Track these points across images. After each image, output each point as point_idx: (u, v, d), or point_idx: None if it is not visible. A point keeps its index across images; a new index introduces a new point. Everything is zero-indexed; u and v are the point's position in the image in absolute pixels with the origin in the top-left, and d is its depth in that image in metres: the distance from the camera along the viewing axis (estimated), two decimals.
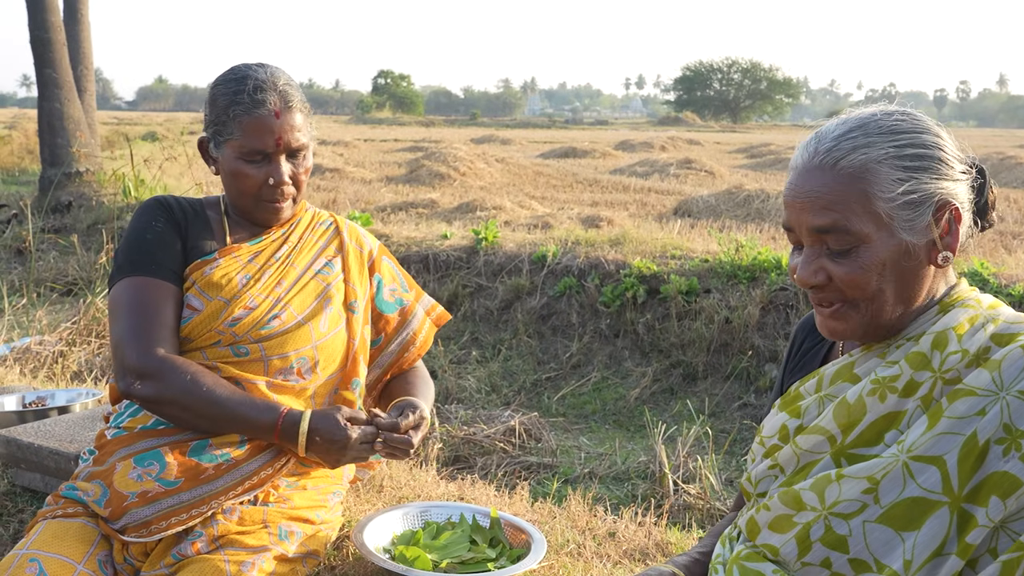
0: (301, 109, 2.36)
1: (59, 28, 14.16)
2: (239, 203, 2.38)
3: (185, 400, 2.16)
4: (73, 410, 3.36)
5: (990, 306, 1.60)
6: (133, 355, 2.18)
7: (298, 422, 2.18)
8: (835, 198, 1.55)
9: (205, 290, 2.30)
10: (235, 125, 2.28)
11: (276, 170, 2.32)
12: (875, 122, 1.59)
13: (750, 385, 6.70)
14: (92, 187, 13.53)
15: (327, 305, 2.41)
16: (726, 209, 13.79)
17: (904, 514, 1.48)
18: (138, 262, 2.29)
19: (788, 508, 1.59)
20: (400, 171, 20.68)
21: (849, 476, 1.53)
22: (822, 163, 1.57)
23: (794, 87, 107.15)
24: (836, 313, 1.61)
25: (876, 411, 1.56)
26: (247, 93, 2.27)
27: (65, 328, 6.84)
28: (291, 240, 2.46)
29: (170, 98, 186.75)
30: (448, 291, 8.29)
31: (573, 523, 2.76)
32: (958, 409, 1.48)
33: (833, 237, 1.56)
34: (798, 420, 1.67)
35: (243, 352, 2.29)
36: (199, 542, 2.13)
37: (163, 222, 2.35)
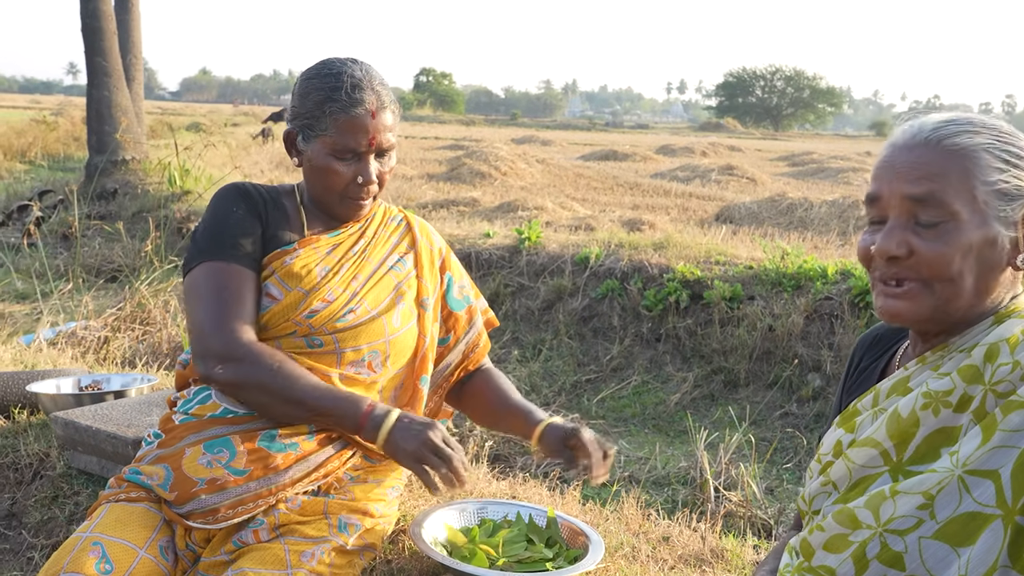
0: (393, 109, 2.35)
1: (110, 17, 14.28)
2: (323, 198, 2.38)
3: (269, 385, 2.15)
4: (129, 395, 3.39)
5: None
6: (217, 339, 2.17)
7: (388, 411, 2.17)
8: (936, 169, 1.55)
9: (285, 280, 2.30)
10: (330, 121, 2.27)
11: (365, 169, 2.31)
12: (979, 117, 1.61)
13: (792, 394, 6.65)
14: (138, 175, 13.66)
15: (400, 300, 2.41)
16: (768, 216, 13.73)
17: (960, 529, 1.45)
18: (219, 247, 2.28)
19: (843, 527, 1.57)
20: (441, 169, 20.74)
21: (904, 492, 1.51)
22: (927, 139, 1.58)
23: (837, 96, 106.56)
24: (907, 292, 1.58)
25: (930, 425, 1.54)
26: (344, 91, 2.26)
27: (110, 314, 6.90)
28: (367, 235, 2.46)
29: (213, 89, 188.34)
30: (490, 290, 8.29)
31: (626, 526, 2.75)
32: (1013, 421, 1.45)
33: (926, 208, 1.55)
34: (851, 435, 1.66)
35: (317, 344, 2.29)
36: (260, 530, 2.13)
37: (243, 209, 2.34)
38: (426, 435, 2.11)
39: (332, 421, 2.20)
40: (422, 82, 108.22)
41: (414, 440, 2.11)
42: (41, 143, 24.69)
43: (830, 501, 1.66)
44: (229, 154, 16.77)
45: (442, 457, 2.11)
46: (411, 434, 2.12)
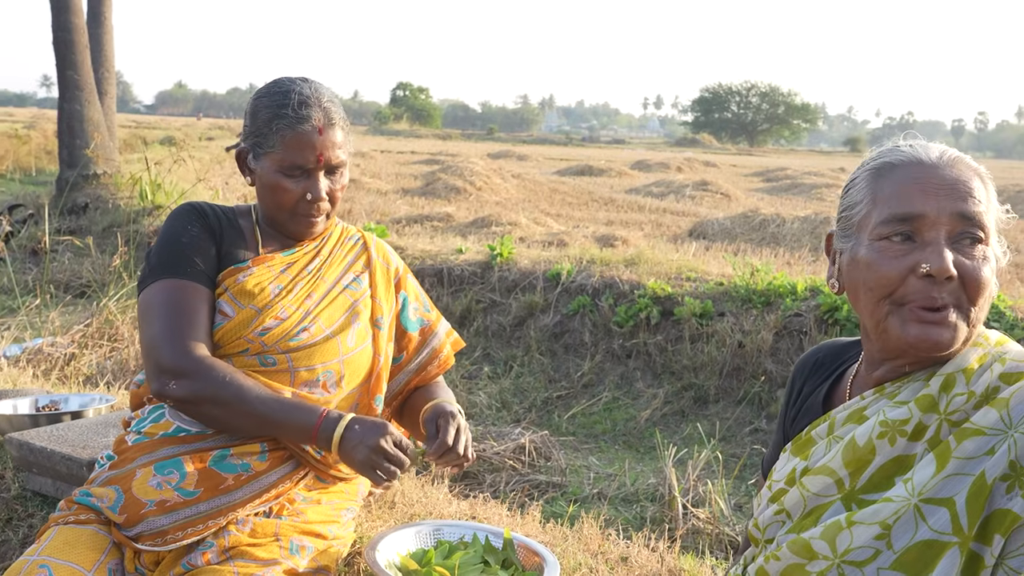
0: (342, 126, 2.36)
1: (82, 30, 14.22)
2: (274, 216, 2.38)
3: (222, 398, 2.14)
4: (86, 415, 3.35)
5: (997, 343, 1.58)
6: (169, 355, 2.16)
7: (340, 417, 2.16)
8: (980, 193, 1.56)
9: (237, 297, 2.29)
10: (277, 139, 2.27)
11: (314, 186, 2.31)
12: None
13: (762, 410, 6.67)
14: (109, 190, 13.57)
15: (355, 320, 2.40)
16: (741, 232, 13.78)
17: (917, 558, 1.45)
18: (173, 264, 2.28)
19: (799, 557, 1.55)
20: (416, 183, 20.72)
21: (860, 522, 1.50)
22: (958, 158, 1.60)
23: (812, 112, 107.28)
24: (946, 320, 1.52)
25: (886, 454, 1.54)
26: (291, 108, 2.27)
27: (77, 331, 6.83)
28: (322, 254, 2.46)
29: (189, 103, 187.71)
30: (461, 306, 8.28)
31: (585, 546, 2.73)
32: (967, 449, 1.46)
33: (972, 228, 1.54)
34: (805, 463, 1.65)
35: (270, 362, 2.28)
36: (209, 552, 2.11)
37: (198, 227, 2.34)
38: (376, 442, 2.10)
39: (286, 432, 2.19)
40: (399, 96, 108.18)
41: (365, 449, 2.10)
42: (13, 156, 24.56)
43: (784, 530, 1.65)
44: (202, 169, 16.68)
45: (393, 462, 2.11)
46: (362, 442, 2.11)
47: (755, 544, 1.75)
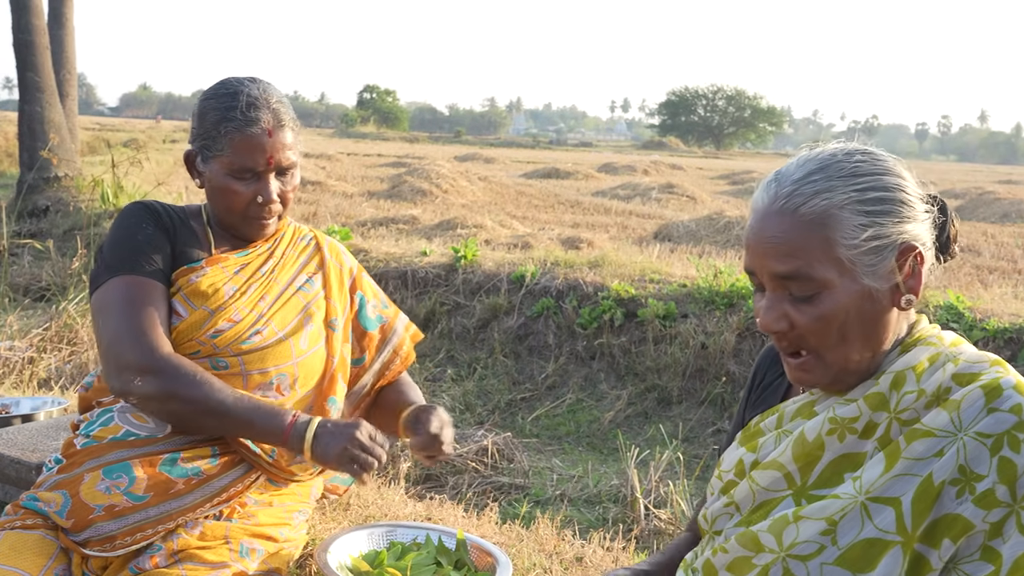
0: (292, 127, 2.33)
1: (43, 32, 14.09)
2: (225, 218, 2.35)
3: (189, 396, 2.11)
4: (37, 419, 3.31)
5: (952, 344, 1.57)
6: (134, 352, 2.13)
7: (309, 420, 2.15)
8: (797, 245, 1.51)
9: (190, 297, 2.27)
10: (226, 141, 2.24)
11: (265, 188, 2.29)
12: (836, 164, 1.55)
13: (724, 411, 6.70)
14: (70, 192, 13.45)
15: (308, 322, 2.38)
16: (706, 235, 13.82)
17: (861, 556, 1.45)
18: (130, 261, 2.24)
19: (746, 550, 1.56)
20: (382, 186, 20.66)
21: (807, 517, 1.51)
22: (783, 208, 1.53)
23: (778, 116, 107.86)
24: (804, 365, 1.57)
25: (835, 450, 1.54)
26: (240, 110, 2.24)
27: (36, 334, 6.77)
28: (276, 255, 2.43)
29: (153, 105, 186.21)
30: (425, 308, 8.27)
31: (541, 547, 2.73)
32: (916, 450, 1.46)
33: (795, 284, 1.52)
34: (754, 455, 1.65)
35: (222, 365, 2.25)
36: (158, 556, 2.09)
37: (152, 225, 2.31)
38: (352, 434, 2.10)
39: (255, 433, 2.16)
40: (366, 99, 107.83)
41: (341, 441, 2.09)
42: None
43: (732, 523, 1.65)
44: (163, 172, 16.55)
45: (371, 453, 2.11)
46: (337, 437, 2.10)
47: (703, 534, 1.75)
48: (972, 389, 1.46)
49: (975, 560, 1.43)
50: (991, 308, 6.66)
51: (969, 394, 1.46)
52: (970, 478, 1.42)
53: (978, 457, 1.42)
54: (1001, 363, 1.52)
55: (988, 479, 1.41)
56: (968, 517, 1.42)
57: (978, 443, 1.43)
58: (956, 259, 8.13)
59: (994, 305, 6.84)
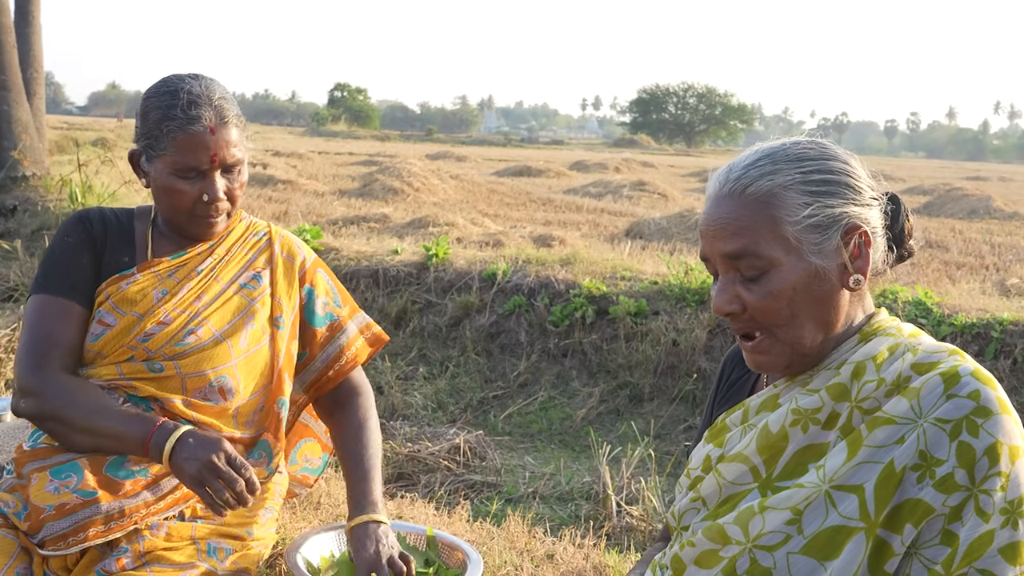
0: (236, 123, 2.31)
1: (9, 30, 13.95)
2: (172, 218, 2.33)
3: (62, 416, 2.13)
4: (4, 420, 3.29)
5: (911, 335, 1.61)
6: (21, 372, 2.17)
7: (175, 428, 2.10)
8: (744, 224, 1.57)
9: (119, 305, 2.26)
10: (168, 140, 2.22)
11: (211, 187, 2.27)
12: (783, 151, 1.62)
13: (695, 408, 6.73)
14: (38, 192, 13.32)
15: (249, 321, 2.35)
16: (678, 232, 13.86)
17: (826, 543, 1.48)
18: (43, 279, 2.28)
19: (713, 543, 1.58)
20: (353, 185, 20.60)
21: (772, 507, 1.53)
22: (731, 191, 1.59)
23: (748, 113, 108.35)
24: (758, 346, 1.62)
25: (799, 441, 1.57)
26: (181, 108, 2.22)
27: (3, 335, 6.71)
28: (217, 253, 2.40)
29: (122, 104, 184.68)
30: (397, 307, 8.25)
31: (512, 544, 2.74)
32: (877, 437, 1.49)
33: (744, 262, 1.57)
34: (721, 450, 1.67)
35: (158, 368, 2.24)
36: (124, 558, 2.08)
37: (75, 237, 2.31)
38: (208, 458, 2.04)
39: (121, 444, 2.14)
40: (336, 97, 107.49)
41: (195, 463, 2.04)
42: None
43: (699, 517, 1.67)
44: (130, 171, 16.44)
45: (225, 480, 2.03)
46: (192, 457, 2.04)
47: (671, 532, 1.76)
48: (931, 376, 1.49)
49: (935, 544, 1.45)
50: (959, 304, 6.72)
51: (928, 381, 1.49)
52: (930, 463, 1.45)
53: (938, 442, 1.45)
54: (959, 352, 1.55)
55: (947, 463, 1.44)
56: (928, 501, 1.44)
57: (938, 428, 1.45)
58: (924, 255, 8.19)
59: (962, 300, 6.90)
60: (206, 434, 2.11)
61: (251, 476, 2.05)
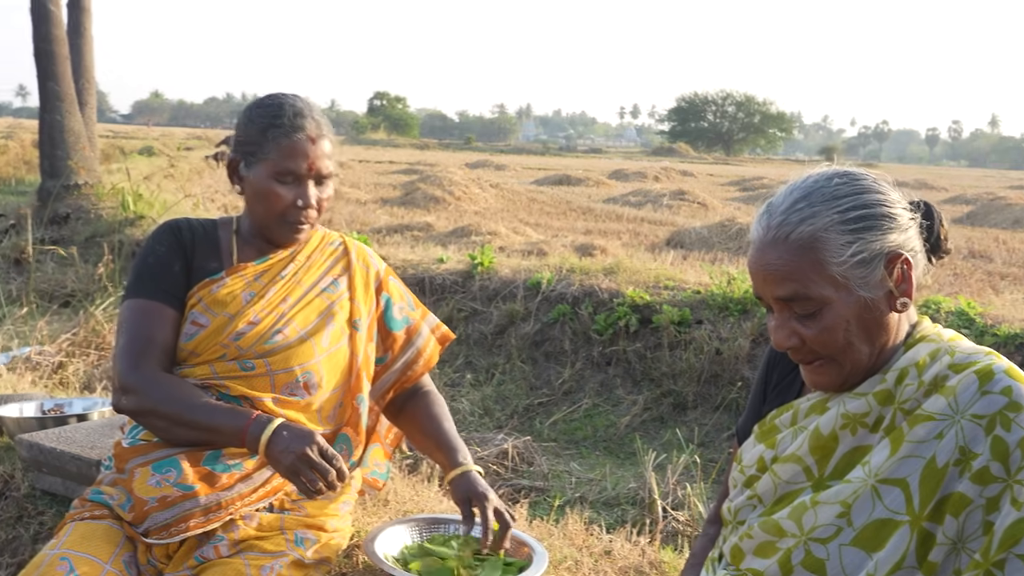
0: (331, 140, 2.49)
1: (63, 41, 14.26)
2: (264, 222, 2.49)
3: (162, 411, 2.28)
4: (91, 418, 3.47)
5: (950, 339, 1.72)
6: (121, 371, 2.32)
7: (269, 421, 2.24)
8: (792, 269, 1.67)
9: (211, 307, 2.42)
10: (272, 146, 2.40)
11: (305, 193, 2.44)
12: (818, 190, 1.71)
13: (739, 416, 6.78)
14: (90, 200, 13.60)
15: (330, 322, 2.52)
16: (718, 241, 13.94)
17: (873, 535, 1.60)
18: (137, 284, 2.43)
19: (770, 535, 1.71)
20: (395, 193, 20.81)
21: (824, 502, 1.65)
22: (775, 238, 1.69)
23: (787, 122, 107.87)
24: (818, 368, 1.73)
25: (848, 443, 1.69)
26: (287, 118, 2.40)
27: (64, 339, 6.92)
28: (298, 259, 2.57)
29: (165, 112, 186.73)
30: (443, 315, 8.38)
31: (571, 541, 2.87)
32: (918, 433, 1.60)
33: (797, 304, 1.69)
34: (773, 451, 1.80)
35: (249, 367, 2.40)
36: (221, 546, 2.24)
37: (166, 246, 2.47)
38: (302, 450, 2.17)
39: (219, 437, 2.29)
40: (376, 106, 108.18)
41: (290, 455, 2.17)
42: None
43: (755, 514, 1.80)
44: (181, 178, 16.74)
45: (319, 471, 2.17)
46: (287, 449, 2.18)
47: (725, 525, 1.90)
48: (967, 375, 1.61)
49: (979, 537, 1.56)
50: (1002, 314, 6.74)
51: (964, 379, 1.61)
52: (968, 457, 1.56)
53: (975, 437, 1.56)
54: (994, 353, 1.67)
55: (983, 457, 1.55)
56: (967, 493, 1.56)
57: (974, 424, 1.57)
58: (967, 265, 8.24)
59: (1005, 311, 6.93)
60: (299, 427, 2.25)
61: (341, 466, 2.21)
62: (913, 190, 1.81)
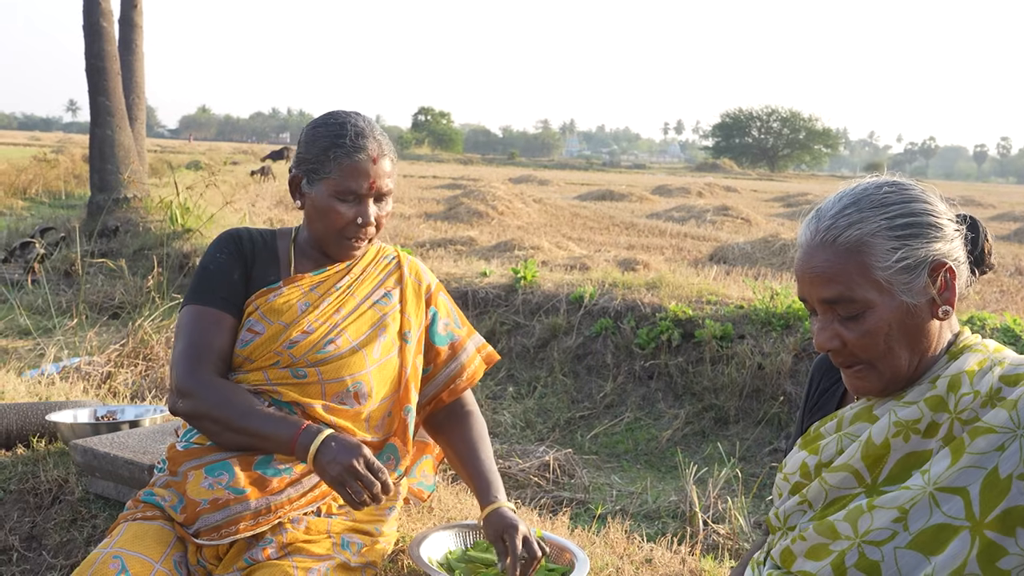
0: (391, 158, 2.55)
1: (115, 58, 14.53)
2: (322, 238, 2.54)
3: (216, 415, 2.34)
4: (143, 424, 3.55)
5: (996, 349, 1.75)
6: (178, 375, 2.39)
7: (318, 432, 2.29)
8: (837, 271, 1.72)
9: (267, 315, 2.48)
10: (334, 165, 2.45)
11: (365, 211, 2.49)
12: (867, 197, 1.76)
13: (781, 431, 6.80)
14: (139, 213, 13.82)
15: (382, 333, 2.57)
16: (762, 257, 13.89)
17: (931, 540, 1.61)
18: (197, 291, 2.50)
19: (823, 537, 1.74)
20: (439, 208, 20.93)
21: (880, 507, 1.67)
22: (823, 241, 1.74)
23: (833, 138, 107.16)
24: (858, 373, 1.77)
25: (901, 450, 1.71)
26: (349, 138, 2.46)
27: (113, 350, 7.04)
28: (353, 272, 2.63)
29: (212, 127, 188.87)
30: (486, 328, 8.44)
31: (612, 549, 2.90)
32: (979, 445, 1.62)
33: (841, 306, 1.73)
34: (817, 457, 1.83)
35: (301, 375, 2.45)
36: (270, 548, 2.30)
37: (227, 254, 2.54)
38: (349, 462, 2.22)
39: (269, 444, 2.34)
40: (420, 121, 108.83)
41: (337, 466, 2.22)
42: (42, 180, 24.91)
43: (806, 518, 1.82)
44: (228, 192, 16.93)
45: (364, 483, 2.22)
46: (335, 460, 2.23)
47: (773, 531, 1.93)
48: None
49: None
50: None
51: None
52: None
53: None
54: None
55: None
56: None
57: None
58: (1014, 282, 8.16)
59: None
60: (347, 439, 2.30)
61: (386, 479, 2.26)
62: (960, 207, 1.85)
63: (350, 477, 2.22)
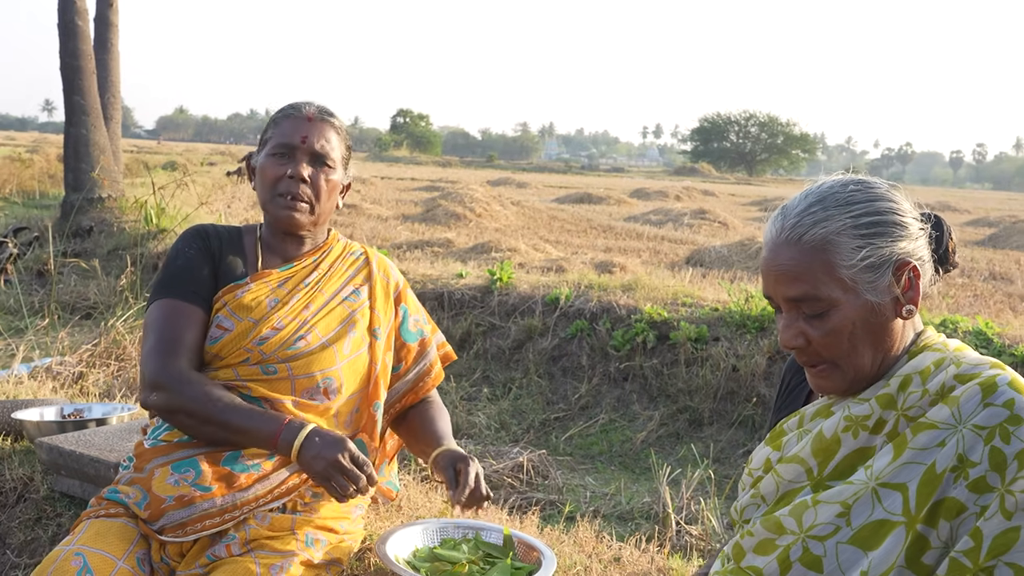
0: (339, 134, 2.58)
1: (89, 56, 14.41)
2: (263, 202, 2.56)
3: (192, 409, 2.32)
4: (110, 422, 3.53)
5: (956, 349, 1.76)
6: (150, 369, 2.36)
7: (301, 427, 2.30)
8: (802, 270, 1.72)
9: (236, 312, 2.47)
10: (273, 127, 2.53)
11: (295, 166, 2.50)
12: (833, 195, 1.76)
13: (755, 432, 6.82)
14: (114, 213, 13.71)
15: (351, 329, 2.57)
16: (738, 260, 13.93)
17: (871, 535, 1.63)
18: (166, 285, 2.48)
19: (770, 533, 1.75)
20: (416, 210, 20.91)
21: (824, 501, 1.69)
22: (788, 239, 1.75)
23: (810, 143, 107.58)
24: (822, 373, 1.78)
25: (850, 445, 1.73)
26: (291, 105, 2.54)
27: (85, 350, 6.99)
28: (321, 267, 2.62)
29: (190, 128, 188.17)
30: (461, 329, 8.44)
31: (580, 547, 2.90)
32: (920, 441, 1.64)
33: (806, 304, 1.73)
34: (780, 453, 1.84)
35: (271, 371, 2.44)
36: (232, 544, 2.28)
37: (195, 249, 2.53)
38: (334, 457, 2.25)
39: (250, 439, 2.34)
40: (399, 123, 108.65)
41: (322, 461, 2.25)
42: (16, 180, 24.72)
43: (759, 512, 1.84)
44: (204, 193, 16.86)
45: (350, 477, 2.25)
46: (320, 455, 2.26)
47: (734, 526, 1.94)
48: (971, 386, 1.64)
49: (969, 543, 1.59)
50: (1020, 335, 6.74)
51: (968, 390, 1.64)
52: (966, 465, 1.60)
53: (974, 447, 1.60)
54: (1000, 365, 1.70)
55: (980, 466, 1.59)
56: (962, 500, 1.59)
57: (974, 434, 1.60)
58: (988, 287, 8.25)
59: (1023, 331, 6.93)
60: (330, 433, 2.31)
61: (371, 471, 2.28)
62: (935, 212, 1.85)
63: (336, 472, 2.23)
